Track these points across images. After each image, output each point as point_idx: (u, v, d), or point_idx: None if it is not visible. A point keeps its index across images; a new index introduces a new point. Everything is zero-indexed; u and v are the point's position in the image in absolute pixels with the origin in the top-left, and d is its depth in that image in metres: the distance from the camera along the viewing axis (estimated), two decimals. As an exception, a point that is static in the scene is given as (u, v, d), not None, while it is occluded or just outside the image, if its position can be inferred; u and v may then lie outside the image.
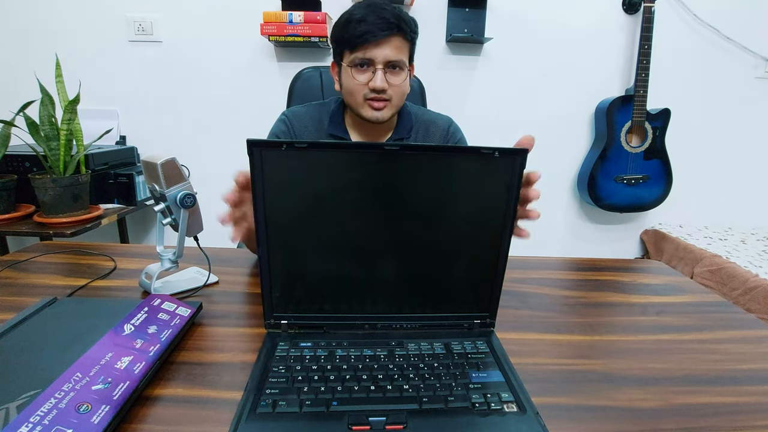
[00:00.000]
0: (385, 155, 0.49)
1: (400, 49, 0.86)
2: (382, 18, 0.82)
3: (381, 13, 0.82)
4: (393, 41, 0.84)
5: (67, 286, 0.71)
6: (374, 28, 0.82)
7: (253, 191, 0.49)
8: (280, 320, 0.54)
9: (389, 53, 0.84)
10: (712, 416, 0.44)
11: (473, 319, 0.56)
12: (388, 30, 0.83)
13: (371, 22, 0.82)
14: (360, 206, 0.51)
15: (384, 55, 0.84)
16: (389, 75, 0.86)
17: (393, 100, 0.88)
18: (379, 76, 0.85)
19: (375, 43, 0.83)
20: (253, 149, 0.47)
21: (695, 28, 1.96)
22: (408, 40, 0.87)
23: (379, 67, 0.85)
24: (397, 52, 0.85)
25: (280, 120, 0.99)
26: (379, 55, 0.84)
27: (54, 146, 1.33)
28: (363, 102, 0.88)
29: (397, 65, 0.86)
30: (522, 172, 0.51)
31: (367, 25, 0.82)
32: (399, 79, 0.87)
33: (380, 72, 0.85)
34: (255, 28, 1.77)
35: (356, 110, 0.91)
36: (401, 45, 0.86)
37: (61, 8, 1.79)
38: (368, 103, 0.88)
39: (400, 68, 0.87)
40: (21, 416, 0.37)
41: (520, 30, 1.92)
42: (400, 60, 0.86)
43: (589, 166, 1.96)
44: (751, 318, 0.68)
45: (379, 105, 0.88)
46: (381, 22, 0.82)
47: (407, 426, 0.40)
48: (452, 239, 0.53)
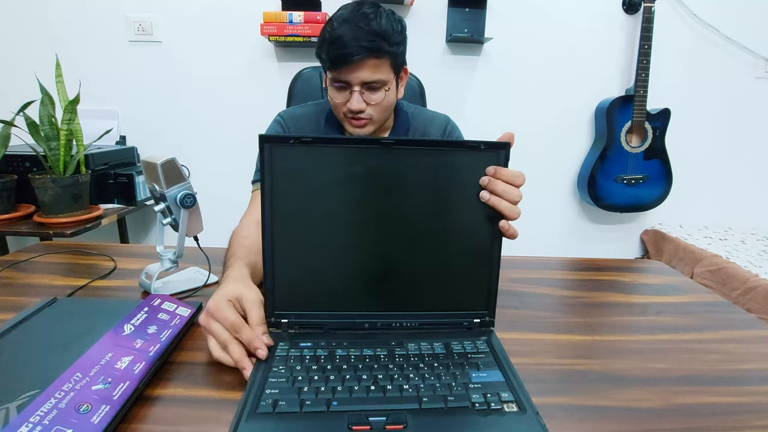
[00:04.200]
0: (386, 151, 0.51)
1: (377, 68, 0.82)
2: (355, 39, 0.78)
3: (356, 32, 0.78)
4: (368, 62, 0.80)
5: (67, 286, 0.71)
6: (345, 53, 0.79)
7: (262, 188, 0.51)
8: (281, 318, 0.54)
9: (365, 75, 0.81)
10: (712, 416, 0.44)
11: (473, 318, 0.57)
12: (362, 53, 0.79)
13: (344, 43, 0.78)
14: (360, 203, 0.52)
15: (359, 77, 0.81)
16: (367, 94, 0.84)
17: (374, 118, 0.87)
18: (356, 98, 0.82)
19: (348, 68, 0.80)
20: (264, 144, 0.49)
21: (695, 28, 1.96)
22: (387, 56, 0.82)
23: (356, 89, 0.82)
24: (373, 73, 0.81)
25: (275, 121, 0.98)
26: (354, 78, 0.81)
27: (54, 146, 1.33)
28: (344, 119, 0.88)
29: (374, 85, 0.83)
30: (506, 165, 0.52)
31: (340, 47, 0.79)
32: (378, 97, 0.84)
33: (356, 94, 0.82)
34: (255, 28, 1.77)
35: (341, 124, 0.91)
36: (378, 64, 0.82)
37: (61, 8, 1.79)
38: (348, 120, 0.87)
39: (378, 87, 0.84)
40: (21, 416, 0.37)
41: (520, 30, 1.92)
42: (377, 80, 0.83)
43: (589, 166, 1.96)
44: (751, 318, 0.68)
45: (359, 123, 0.86)
46: (353, 44, 0.78)
47: (407, 426, 0.40)
48: (449, 235, 0.54)
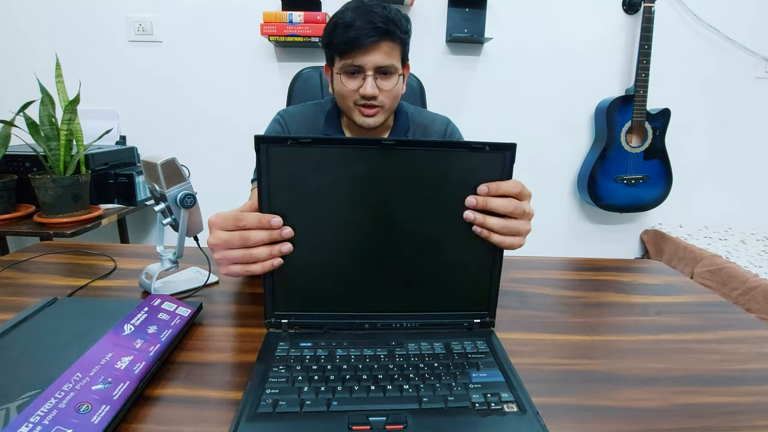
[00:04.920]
0: (387, 151, 0.50)
1: (390, 53, 0.83)
2: (370, 22, 0.79)
3: (369, 16, 0.79)
4: (382, 46, 0.81)
5: (67, 286, 0.71)
6: (361, 35, 0.79)
7: (259, 189, 0.50)
8: (281, 319, 0.54)
9: (379, 59, 0.82)
10: (712, 416, 0.44)
11: (473, 318, 0.56)
12: (376, 35, 0.80)
13: (359, 26, 0.79)
14: (360, 203, 0.52)
15: (374, 61, 0.82)
16: (380, 80, 0.84)
17: (385, 105, 0.87)
18: (369, 83, 0.83)
19: (363, 50, 0.81)
20: (260, 145, 0.48)
21: (695, 28, 1.96)
22: (399, 43, 0.84)
23: (369, 74, 0.83)
24: (386, 57, 0.83)
25: (274, 120, 0.98)
26: (368, 61, 0.82)
27: (54, 146, 1.33)
28: (354, 107, 0.87)
29: (387, 70, 0.84)
30: (512, 167, 0.51)
31: (354, 31, 0.79)
32: (390, 83, 0.85)
33: (370, 79, 0.83)
34: (255, 28, 1.77)
35: (349, 115, 0.90)
36: (391, 49, 0.83)
37: (61, 8, 1.79)
38: (359, 108, 0.87)
39: (391, 73, 0.85)
40: (21, 416, 0.37)
41: (520, 30, 1.92)
42: (390, 65, 0.84)
43: (589, 166, 1.96)
44: (751, 318, 0.68)
45: (371, 111, 0.87)
46: (369, 27, 0.79)
47: (407, 426, 0.40)
48: (450, 236, 0.53)
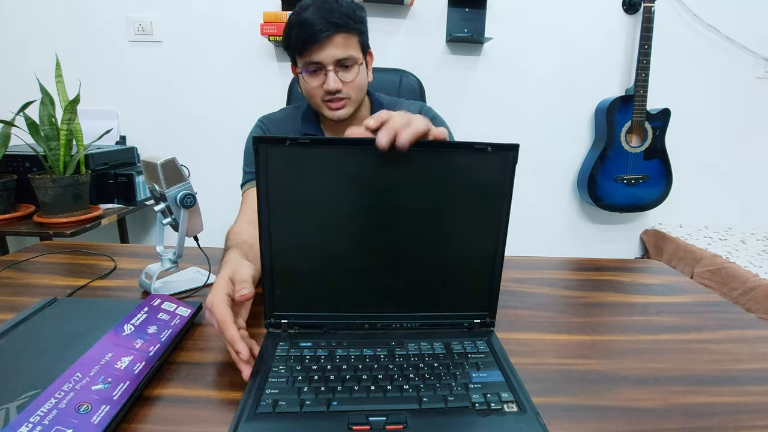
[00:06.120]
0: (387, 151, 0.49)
1: (346, 45, 0.83)
2: (322, 18, 0.80)
3: (321, 12, 0.80)
4: (337, 39, 0.82)
5: (67, 286, 0.71)
6: (315, 30, 0.80)
7: (258, 190, 0.50)
8: (280, 319, 0.54)
9: (336, 53, 0.83)
10: (712, 416, 0.44)
11: (473, 318, 0.56)
12: (330, 30, 0.81)
13: (312, 23, 0.80)
14: (359, 203, 0.51)
15: (331, 55, 0.82)
16: (342, 73, 0.85)
17: (351, 97, 0.88)
18: (331, 77, 0.84)
19: (319, 46, 0.82)
20: (258, 146, 0.48)
21: (695, 28, 1.96)
22: (355, 33, 0.84)
23: (330, 69, 0.83)
24: (343, 50, 0.83)
25: (256, 126, 0.99)
26: (326, 56, 0.82)
27: (54, 146, 1.33)
28: (322, 104, 0.88)
29: (347, 62, 0.85)
30: (514, 168, 0.51)
31: (308, 28, 0.80)
32: (351, 74, 0.86)
33: (331, 73, 0.84)
34: (255, 28, 1.77)
35: (319, 112, 0.91)
36: (347, 40, 0.83)
37: (61, 8, 1.79)
38: (327, 104, 0.88)
39: (351, 64, 0.86)
40: (21, 416, 0.37)
41: (520, 30, 1.92)
42: (348, 56, 0.84)
43: (589, 166, 1.96)
44: (751, 318, 0.68)
45: (338, 105, 0.87)
46: (322, 22, 0.80)
47: (407, 426, 0.40)
48: (450, 236, 0.53)
